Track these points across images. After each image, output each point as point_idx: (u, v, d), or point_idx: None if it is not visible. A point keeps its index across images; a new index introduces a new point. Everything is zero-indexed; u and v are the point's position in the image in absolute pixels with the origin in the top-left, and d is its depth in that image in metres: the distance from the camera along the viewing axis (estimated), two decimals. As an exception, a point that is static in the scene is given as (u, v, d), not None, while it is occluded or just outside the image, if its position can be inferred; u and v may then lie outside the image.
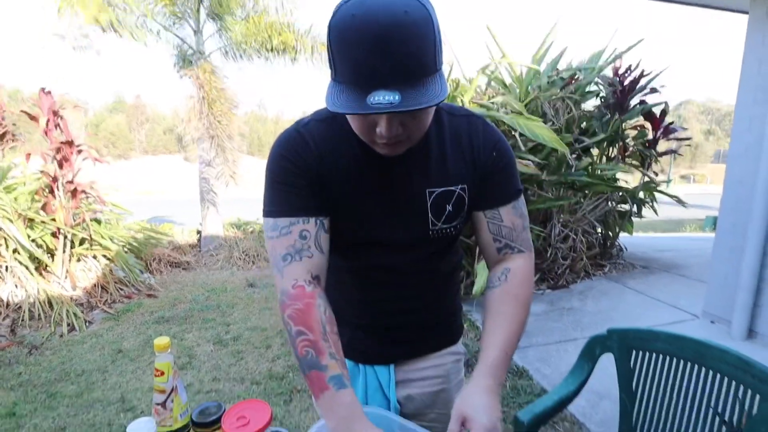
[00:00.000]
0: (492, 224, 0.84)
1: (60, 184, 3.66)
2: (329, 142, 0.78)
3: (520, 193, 0.86)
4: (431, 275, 0.91)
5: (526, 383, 2.51)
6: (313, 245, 0.75)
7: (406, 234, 0.83)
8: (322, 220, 0.77)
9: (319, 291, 0.75)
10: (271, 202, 0.77)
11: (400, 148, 0.71)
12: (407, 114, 0.65)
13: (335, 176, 0.78)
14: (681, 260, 5.06)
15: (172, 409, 0.89)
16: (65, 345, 3.12)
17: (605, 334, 1.37)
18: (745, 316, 2.90)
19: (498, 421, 0.67)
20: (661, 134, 4.23)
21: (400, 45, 0.57)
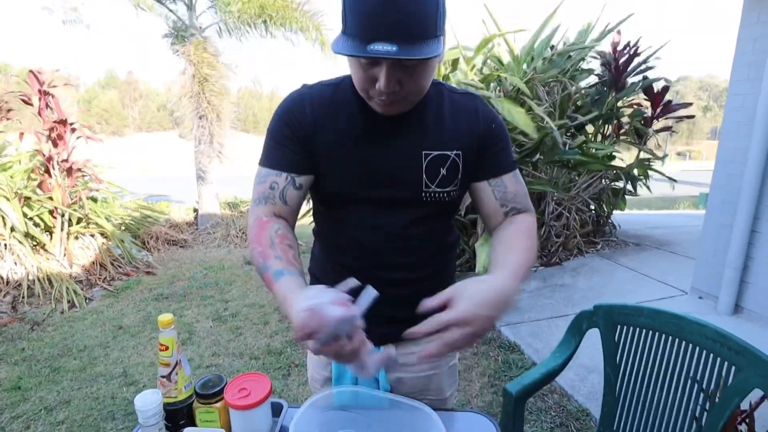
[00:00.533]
0: (497, 191, 0.88)
1: (55, 162, 3.65)
2: (330, 104, 0.84)
3: (516, 165, 0.92)
4: (423, 246, 0.91)
5: (518, 357, 2.59)
6: (277, 196, 0.84)
7: (399, 193, 0.85)
8: (294, 177, 0.84)
9: (276, 220, 0.83)
10: (262, 153, 0.87)
11: (397, 106, 0.77)
12: (405, 71, 0.70)
13: (330, 136, 0.84)
14: (672, 237, 5.14)
15: (177, 382, 0.93)
16: (66, 321, 3.17)
17: (592, 309, 1.42)
18: (731, 292, 2.98)
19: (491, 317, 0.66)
20: (660, 112, 4.22)
21: (404, 3, 0.63)
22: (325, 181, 0.87)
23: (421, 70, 0.72)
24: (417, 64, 0.70)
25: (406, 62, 0.69)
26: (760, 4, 2.74)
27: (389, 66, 0.69)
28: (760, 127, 2.69)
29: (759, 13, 2.74)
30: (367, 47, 0.64)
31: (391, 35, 0.64)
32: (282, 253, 0.76)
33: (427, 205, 0.87)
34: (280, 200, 0.84)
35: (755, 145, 2.73)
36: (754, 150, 2.73)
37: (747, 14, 2.84)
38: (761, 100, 2.67)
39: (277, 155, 0.85)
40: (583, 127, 4.27)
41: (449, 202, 0.89)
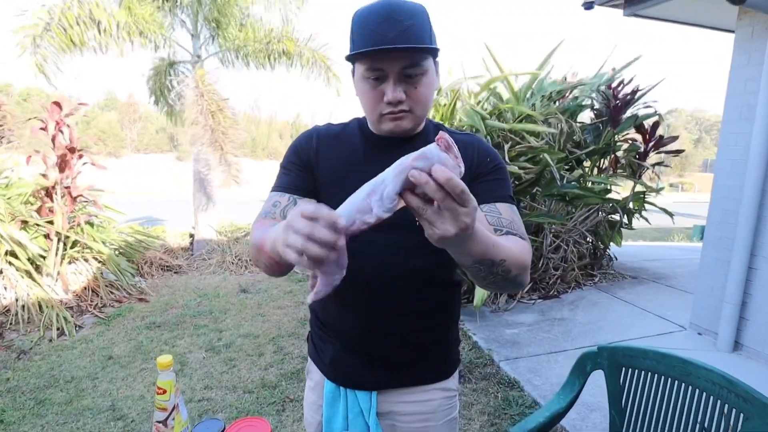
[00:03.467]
0: (490, 216, 0.84)
1: (59, 188, 3.63)
2: (335, 137, 0.93)
3: (514, 201, 0.90)
4: (419, 276, 0.89)
5: (518, 394, 2.54)
6: (278, 213, 0.87)
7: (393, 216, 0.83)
8: (296, 198, 0.89)
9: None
10: (275, 182, 0.94)
11: (404, 120, 0.83)
12: (409, 82, 0.80)
13: (332, 163, 0.90)
14: (669, 270, 5.15)
15: (173, 427, 0.90)
16: (54, 350, 3.09)
17: (595, 350, 1.40)
18: (731, 328, 2.96)
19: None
20: (652, 147, 4.31)
21: (402, 17, 0.76)
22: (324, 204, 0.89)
23: (423, 81, 0.81)
24: (419, 76, 0.80)
25: (409, 71, 0.78)
26: (750, 48, 2.84)
27: (395, 75, 0.78)
28: (753, 165, 2.75)
29: (749, 56, 2.84)
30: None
31: (395, 41, 0.75)
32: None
33: (422, 231, 0.85)
34: (281, 216, 0.86)
35: (749, 183, 2.77)
36: (749, 188, 2.78)
37: (737, 57, 2.94)
38: (754, 140, 2.73)
39: (283, 179, 0.92)
40: (581, 161, 4.33)
41: None
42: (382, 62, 0.77)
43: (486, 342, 3.19)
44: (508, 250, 0.68)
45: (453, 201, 0.50)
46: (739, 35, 2.92)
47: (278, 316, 3.83)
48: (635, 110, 4.44)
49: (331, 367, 0.96)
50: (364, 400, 0.94)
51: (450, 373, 0.99)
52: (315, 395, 1.01)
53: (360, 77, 0.82)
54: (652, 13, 3.29)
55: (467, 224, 0.53)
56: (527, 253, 0.77)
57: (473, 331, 3.38)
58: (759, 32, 2.78)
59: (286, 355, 3.05)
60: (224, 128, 5.29)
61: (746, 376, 2.81)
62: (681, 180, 38.43)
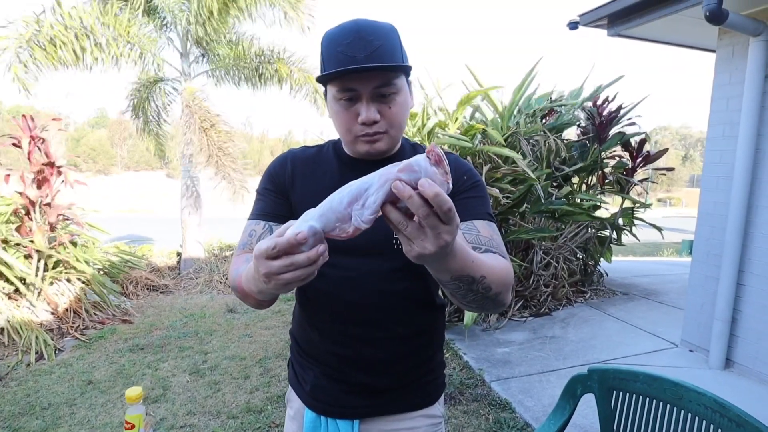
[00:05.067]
0: (469, 234, 0.80)
1: (38, 206, 3.56)
2: (310, 161, 0.92)
3: (494, 219, 0.86)
4: (401, 302, 0.87)
5: (509, 416, 2.48)
6: (255, 242, 0.84)
7: (369, 240, 0.76)
8: (272, 225, 0.87)
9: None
10: (251, 210, 0.93)
11: (379, 143, 0.81)
12: (383, 102, 0.78)
13: (306, 188, 0.89)
14: (659, 286, 5.15)
15: (141, 465, 0.85)
16: (32, 375, 2.98)
17: (586, 373, 1.37)
18: (722, 345, 2.95)
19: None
20: (640, 163, 4.36)
21: (371, 37, 0.75)
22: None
23: (397, 100, 0.80)
24: (392, 96, 0.78)
25: (383, 90, 0.77)
26: (731, 67, 2.90)
27: (368, 95, 0.76)
28: (738, 182, 2.77)
29: (730, 74, 2.90)
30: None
31: (366, 60, 0.74)
32: None
33: (400, 253, 0.82)
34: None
35: (735, 199, 2.80)
36: (735, 204, 2.80)
37: (719, 76, 2.99)
38: (738, 157, 2.76)
39: (258, 206, 0.90)
40: (569, 178, 4.36)
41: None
42: (353, 83, 0.75)
43: (477, 362, 3.14)
44: (489, 267, 0.65)
45: (437, 218, 0.48)
46: (720, 54, 2.99)
47: (266, 337, 3.75)
48: (621, 127, 4.50)
49: (311, 396, 0.92)
50: (346, 429, 0.90)
51: (435, 398, 0.95)
52: (295, 425, 0.97)
53: (332, 99, 0.80)
54: (635, 33, 3.36)
55: (447, 242, 0.50)
56: (508, 272, 0.74)
57: (463, 351, 3.33)
58: (739, 51, 2.84)
59: (272, 378, 2.97)
60: (219, 144, 5.26)
61: (739, 394, 2.77)
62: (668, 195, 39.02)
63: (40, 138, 3.60)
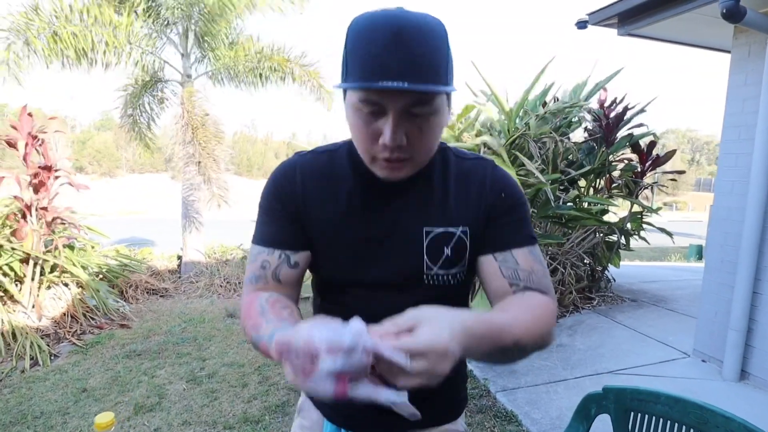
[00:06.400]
0: (505, 268, 0.73)
1: (33, 210, 3.49)
2: (323, 175, 0.78)
3: (535, 241, 0.77)
4: None
5: (515, 429, 2.39)
6: (270, 276, 0.76)
7: (397, 275, 0.77)
8: (288, 254, 0.77)
9: (266, 291, 0.75)
10: (255, 229, 0.81)
11: (402, 169, 0.69)
12: (413, 122, 0.64)
13: (322, 209, 0.77)
14: (668, 293, 5.03)
15: (112, 500, 0.77)
16: (26, 382, 2.91)
17: (601, 392, 1.28)
18: (736, 356, 2.84)
19: (452, 349, 0.52)
20: (650, 166, 4.25)
21: (413, 42, 0.58)
22: (317, 260, 0.80)
23: (430, 122, 0.66)
24: (426, 116, 0.64)
25: (416, 110, 0.63)
26: (747, 67, 2.80)
27: (396, 113, 0.62)
28: (755, 186, 2.67)
29: (746, 75, 2.80)
30: (375, 84, 0.59)
31: (402, 74, 0.58)
32: (274, 316, 0.67)
33: (431, 289, 0.77)
34: (274, 280, 0.76)
35: (752, 204, 2.69)
36: (751, 209, 2.69)
37: (734, 77, 2.89)
38: (755, 160, 2.66)
39: (268, 231, 0.78)
40: (575, 182, 4.26)
41: (456, 286, 0.79)
42: (381, 95, 0.61)
43: (481, 371, 3.04)
44: (522, 327, 0.61)
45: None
46: (735, 55, 2.89)
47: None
48: (629, 129, 4.40)
49: (333, 409, 0.88)
50: None
51: (458, 413, 0.93)
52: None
53: (352, 106, 0.65)
54: (646, 32, 3.26)
55: (444, 371, 0.51)
56: (548, 314, 0.68)
57: (468, 360, 3.23)
58: (756, 51, 2.73)
59: (271, 386, 2.89)
60: (204, 144, 5.19)
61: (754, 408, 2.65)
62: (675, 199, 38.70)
63: (39, 139, 3.53)
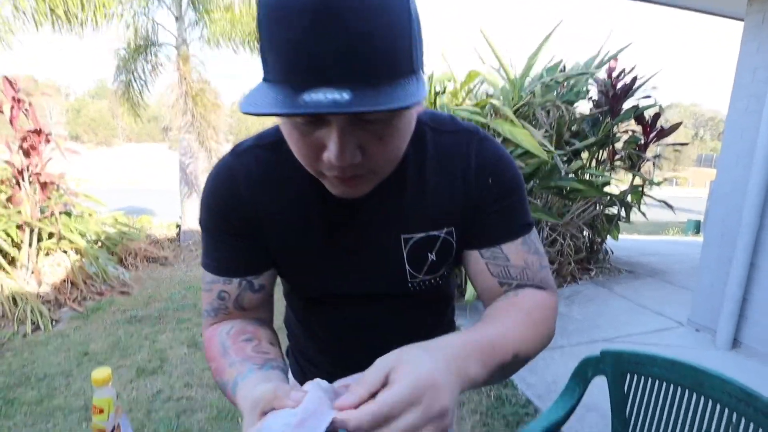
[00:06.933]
0: (494, 265, 0.63)
1: (26, 175, 3.45)
2: (270, 177, 0.61)
3: (531, 227, 0.65)
4: (413, 330, 0.70)
5: (511, 393, 2.44)
6: (231, 306, 0.67)
7: (378, 286, 0.68)
8: (250, 279, 0.66)
9: (226, 322, 0.67)
10: (203, 252, 0.68)
11: (360, 186, 0.51)
12: (368, 132, 0.44)
13: (279, 222, 0.63)
14: (665, 265, 5.07)
15: (114, 451, 0.77)
16: (28, 346, 2.95)
17: (598, 356, 1.29)
18: (730, 326, 2.87)
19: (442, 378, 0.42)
20: (653, 138, 4.20)
21: (353, 20, 0.37)
22: (284, 275, 0.71)
23: (394, 127, 0.46)
24: (387, 121, 0.44)
25: (371, 116, 0.43)
26: (760, 35, 2.71)
27: (341, 126, 0.42)
28: (760, 160, 2.63)
29: (759, 43, 2.71)
30: (301, 97, 0.38)
31: (338, 74, 0.38)
32: (237, 356, 0.58)
33: (417, 294, 0.70)
34: (236, 309, 0.67)
35: (755, 178, 2.66)
36: (754, 183, 2.66)
37: (746, 44, 2.81)
38: (762, 133, 2.61)
39: (220, 258, 0.65)
40: (579, 153, 4.21)
41: (444, 283, 0.73)
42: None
43: (479, 339, 3.09)
44: (518, 338, 0.55)
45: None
46: (748, 22, 2.79)
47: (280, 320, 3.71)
48: (635, 101, 4.32)
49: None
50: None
51: None
52: None
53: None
54: (658, -4, 3.15)
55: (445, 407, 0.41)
56: (548, 314, 0.62)
57: (465, 327, 3.27)
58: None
59: (271, 352, 2.93)
60: (203, 112, 5.10)
61: (746, 374, 2.70)
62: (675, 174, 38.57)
63: (25, 102, 3.44)
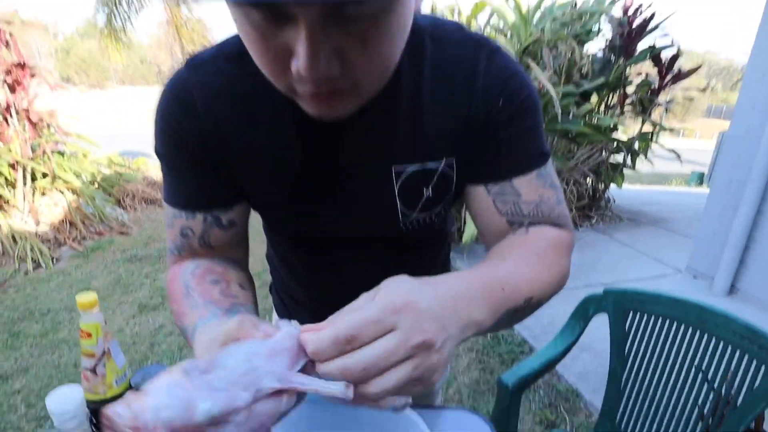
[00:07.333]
0: (502, 202, 0.55)
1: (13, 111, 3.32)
2: (236, 93, 0.50)
3: (547, 157, 0.56)
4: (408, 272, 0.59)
5: (507, 333, 2.48)
6: (196, 244, 0.59)
7: (363, 227, 0.60)
8: (217, 215, 0.57)
9: (191, 260, 0.59)
10: (163, 182, 0.59)
11: (341, 105, 0.41)
12: (348, 34, 0.34)
13: (246, 149, 0.53)
14: (667, 214, 5.04)
15: (105, 375, 0.76)
16: (30, 283, 2.97)
17: (601, 294, 1.27)
18: (729, 272, 2.88)
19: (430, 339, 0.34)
20: (668, 82, 4.00)
21: None
22: (259, 214, 0.63)
23: (383, 30, 0.36)
24: (374, 19, 0.34)
25: (349, 11, 0.33)
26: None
27: (311, 23, 0.32)
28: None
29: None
30: None
31: None
32: (200, 298, 0.50)
33: (409, 233, 0.61)
34: (203, 247, 0.59)
35: (773, 120, 2.55)
36: (772, 125, 2.56)
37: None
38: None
39: (180, 189, 0.57)
40: (588, 96, 4.04)
41: (440, 220, 0.63)
42: None
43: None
44: (528, 282, 0.47)
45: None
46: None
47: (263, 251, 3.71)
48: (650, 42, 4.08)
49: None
50: None
51: None
52: None
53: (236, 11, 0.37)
54: None
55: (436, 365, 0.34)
56: (563, 255, 0.54)
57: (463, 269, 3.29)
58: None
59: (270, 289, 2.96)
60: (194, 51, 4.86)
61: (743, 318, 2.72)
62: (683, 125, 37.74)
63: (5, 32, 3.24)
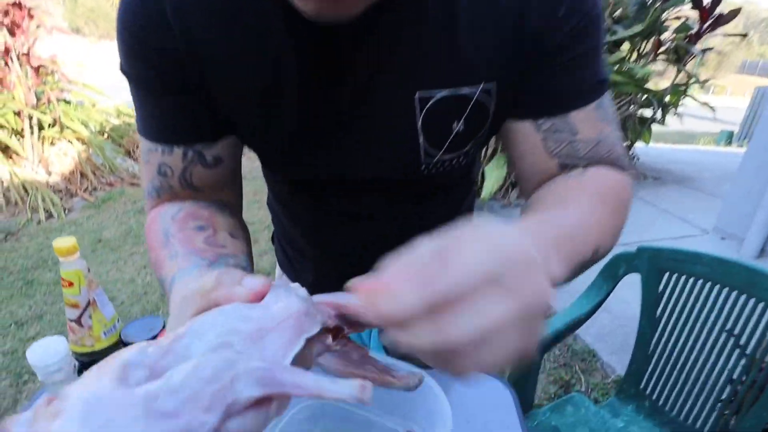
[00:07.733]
0: (554, 141, 0.45)
1: (14, 54, 3.19)
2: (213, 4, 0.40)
3: (606, 85, 0.46)
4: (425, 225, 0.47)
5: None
6: (176, 184, 0.49)
7: (379, 171, 0.50)
8: (199, 149, 0.47)
9: (172, 203, 0.50)
10: (135, 109, 0.48)
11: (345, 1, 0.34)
12: None
13: (228, 66, 0.43)
14: (694, 174, 4.81)
15: (92, 327, 0.70)
16: (43, 232, 2.97)
17: (633, 252, 1.16)
18: (761, 234, 2.74)
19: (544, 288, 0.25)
20: (708, 27, 3.67)
21: None
22: (249, 149, 0.54)
23: None
24: None
25: None
26: None
27: None
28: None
29: None
30: None
31: None
32: (181, 246, 0.42)
33: (432, 179, 0.50)
34: (184, 187, 0.50)
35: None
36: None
37: None
38: None
39: (150, 116, 0.47)
40: (619, 44, 3.74)
41: (469, 161, 0.53)
42: None
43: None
44: (598, 232, 0.38)
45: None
46: None
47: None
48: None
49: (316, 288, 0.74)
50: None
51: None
52: None
53: None
54: None
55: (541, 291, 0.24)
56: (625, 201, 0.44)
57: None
58: None
59: (282, 245, 2.92)
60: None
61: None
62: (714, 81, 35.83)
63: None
